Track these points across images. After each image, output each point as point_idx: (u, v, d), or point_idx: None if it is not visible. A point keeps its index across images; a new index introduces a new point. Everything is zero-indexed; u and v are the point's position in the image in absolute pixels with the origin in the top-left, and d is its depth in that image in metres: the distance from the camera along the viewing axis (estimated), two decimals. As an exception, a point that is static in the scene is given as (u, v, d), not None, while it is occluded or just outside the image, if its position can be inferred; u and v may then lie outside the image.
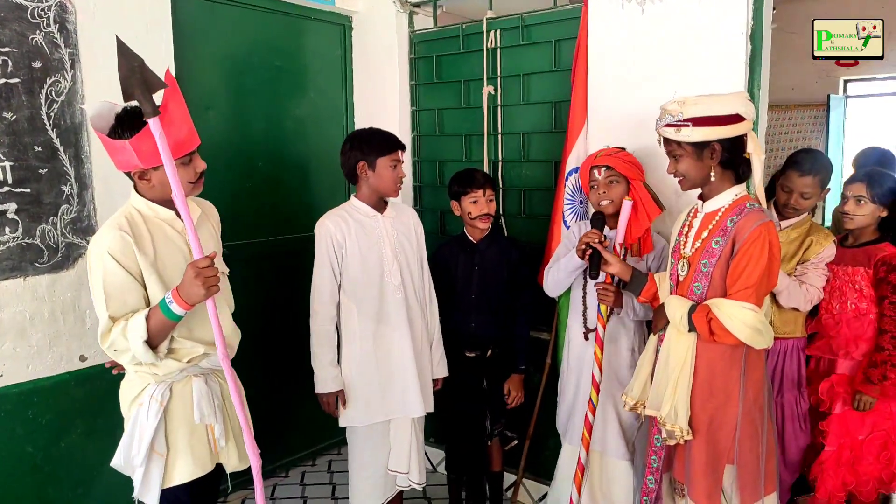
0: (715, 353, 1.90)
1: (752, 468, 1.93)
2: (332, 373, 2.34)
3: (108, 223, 1.82)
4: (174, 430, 1.90)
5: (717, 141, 1.85)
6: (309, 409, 3.30)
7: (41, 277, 2.28)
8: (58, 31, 2.26)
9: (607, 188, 2.30)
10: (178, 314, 1.73)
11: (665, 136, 1.92)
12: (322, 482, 3.31)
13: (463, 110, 3.20)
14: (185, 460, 1.91)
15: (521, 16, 2.94)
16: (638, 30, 2.47)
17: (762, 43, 2.28)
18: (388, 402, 2.40)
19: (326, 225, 2.34)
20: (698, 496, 1.94)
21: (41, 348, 2.30)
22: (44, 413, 2.32)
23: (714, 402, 1.91)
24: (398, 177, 2.36)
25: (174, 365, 1.86)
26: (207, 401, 1.92)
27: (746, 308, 1.79)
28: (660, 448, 2.04)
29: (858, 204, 2.44)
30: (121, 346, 1.76)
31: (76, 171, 2.34)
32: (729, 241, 1.85)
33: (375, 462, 2.46)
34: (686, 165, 1.91)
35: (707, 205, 1.96)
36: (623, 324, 2.38)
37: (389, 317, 2.38)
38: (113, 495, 2.52)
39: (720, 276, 1.88)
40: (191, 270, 1.70)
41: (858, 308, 2.42)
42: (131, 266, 1.77)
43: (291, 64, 3.25)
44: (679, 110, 1.85)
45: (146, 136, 1.65)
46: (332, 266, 2.33)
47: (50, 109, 2.26)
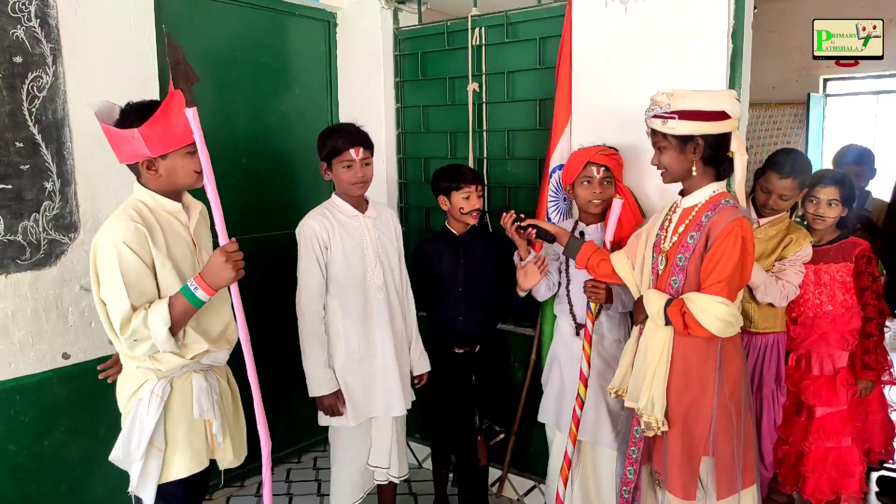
0: (690, 347, 1.93)
1: (727, 461, 1.96)
2: (327, 374, 2.33)
3: (115, 216, 1.82)
4: (173, 426, 1.90)
5: (701, 136, 1.88)
6: (294, 406, 3.31)
7: (23, 274, 2.26)
8: (39, 26, 2.24)
9: (602, 188, 2.34)
10: (202, 299, 1.75)
11: (652, 128, 1.94)
12: (308, 479, 3.32)
13: (448, 107, 3.21)
14: (183, 455, 1.91)
15: (505, 13, 2.95)
16: (621, 28, 2.49)
17: (743, 41, 2.31)
18: (371, 401, 2.41)
19: (311, 225, 2.32)
20: (674, 488, 1.98)
21: (24, 346, 2.28)
22: (26, 411, 2.30)
23: (690, 394, 1.94)
24: (356, 176, 2.31)
25: (177, 361, 1.86)
26: (207, 396, 1.93)
27: (717, 301, 1.82)
28: (639, 439, 2.07)
29: (830, 206, 2.55)
30: (142, 335, 1.75)
31: (58, 168, 2.32)
32: (703, 236, 1.89)
33: (357, 460, 2.48)
34: (669, 158, 1.94)
35: (685, 200, 1.99)
36: (609, 316, 2.41)
37: (372, 317, 2.38)
38: (97, 493, 2.52)
39: (695, 270, 1.91)
40: (220, 255, 1.73)
41: (846, 302, 2.55)
42: (146, 256, 1.78)
43: (275, 60, 3.24)
44: (667, 102, 1.87)
45: (154, 124, 1.71)
46: (319, 265, 2.32)
47: (31, 105, 2.24)
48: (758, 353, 2.63)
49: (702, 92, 1.90)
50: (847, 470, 2.52)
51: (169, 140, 1.77)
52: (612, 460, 2.40)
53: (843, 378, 2.54)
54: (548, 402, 2.59)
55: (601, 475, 2.43)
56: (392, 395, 2.40)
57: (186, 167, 1.85)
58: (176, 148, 1.80)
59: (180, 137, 1.77)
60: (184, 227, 1.92)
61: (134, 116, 1.78)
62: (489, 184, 3.10)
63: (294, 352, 2.39)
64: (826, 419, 2.54)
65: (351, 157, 2.30)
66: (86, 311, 2.42)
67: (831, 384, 2.55)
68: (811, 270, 2.56)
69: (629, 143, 2.40)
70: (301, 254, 2.34)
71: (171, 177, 1.84)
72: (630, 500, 2.13)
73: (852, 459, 2.53)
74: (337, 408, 2.35)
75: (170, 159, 1.82)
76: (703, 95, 1.88)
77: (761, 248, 2.62)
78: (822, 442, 2.53)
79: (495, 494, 3.08)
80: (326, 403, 2.34)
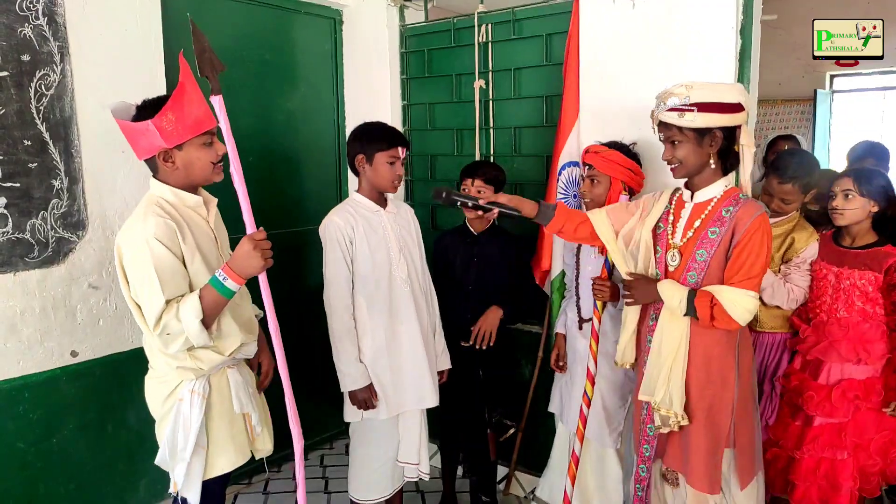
0: (711, 340, 1.93)
1: (748, 450, 1.97)
2: (359, 368, 2.32)
3: (138, 214, 1.81)
4: (215, 423, 1.91)
5: (719, 128, 1.87)
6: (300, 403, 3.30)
7: (32, 272, 2.26)
8: (47, 24, 2.24)
9: (589, 187, 2.33)
10: (232, 289, 1.74)
11: (665, 121, 1.90)
12: (315, 476, 3.31)
13: (454, 104, 3.21)
14: (227, 451, 1.93)
15: (512, 10, 2.94)
16: (629, 24, 2.48)
17: (752, 38, 2.30)
18: (400, 395, 2.39)
19: (335, 221, 2.31)
20: (699, 483, 1.96)
21: (32, 343, 2.28)
22: (34, 409, 2.31)
23: (712, 388, 1.94)
24: (396, 174, 2.33)
25: (217, 358, 1.88)
26: (244, 390, 1.96)
27: (750, 296, 1.84)
28: (652, 437, 2.07)
29: (847, 199, 2.37)
30: (174, 330, 1.74)
31: (66, 166, 2.32)
32: (728, 231, 1.88)
33: (383, 454, 2.46)
34: (685, 151, 1.91)
35: (697, 195, 1.97)
36: (612, 315, 2.41)
37: (399, 311, 2.38)
38: (105, 491, 2.52)
39: (718, 265, 1.90)
40: (248, 243, 1.71)
41: (865, 311, 2.36)
42: (177, 251, 1.78)
43: (281, 58, 3.23)
44: (686, 94, 1.84)
45: (167, 114, 1.72)
46: (345, 261, 2.31)
47: (39, 103, 2.24)
48: (764, 352, 2.62)
49: (717, 84, 1.90)
50: (837, 483, 2.36)
51: (183, 129, 1.77)
52: (608, 458, 2.41)
53: (844, 389, 2.35)
54: (555, 392, 2.61)
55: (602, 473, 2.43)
56: (424, 388, 2.40)
57: (203, 158, 1.85)
58: (190, 137, 1.79)
59: (193, 126, 1.77)
60: (204, 220, 1.93)
61: (149, 110, 1.78)
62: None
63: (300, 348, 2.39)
64: (824, 429, 2.39)
65: (398, 154, 2.33)
66: (94, 309, 2.42)
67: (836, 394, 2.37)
68: (832, 273, 2.41)
69: (636, 138, 2.39)
70: (327, 251, 2.33)
71: (189, 169, 1.84)
72: (644, 497, 2.12)
73: (845, 473, 2.36)
74: (370, 401, 2.34)
75: (186, 150, 1.81)
76: (721, 87, 1.88)
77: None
78: (817, 452, 2.39)
79: (503, 492, 3.08)
80: (360, 398, 2.33)
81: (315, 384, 2.97)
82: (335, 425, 2.53)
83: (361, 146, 2.32)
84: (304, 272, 3.21)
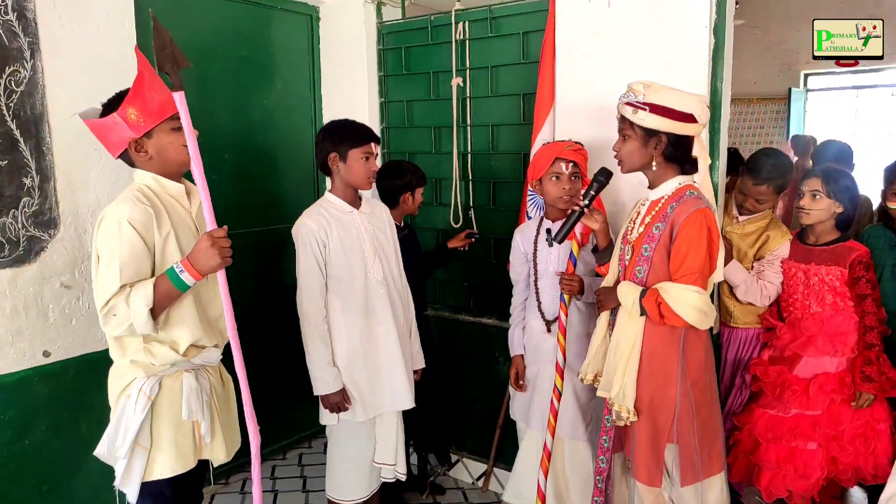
0: (655, 336, 1.96)
1: (691, 448, 1.99)
2: (331, 372, 2.30)
3: (122, 198, 1.81)
4: (160, 425, 1.88)
5: (665, 133, 1.90)
6: (278, 402, 3.30)
7: (2, 272, 2.23)
8: (16, 20, 2.20)
9: (571, 184, 2.34)
10: (187, 283, 1.73)
11: (622, 114, 1.96)
12: (293, 475, 3.31)
13: (432, 102, 3.21)
14: (168, 456, 1.89)
15: (489, 8, 2.95)
16: (604, 22, 2.50)
17: (725, 36, 2.33)
18: (377, 397, 2.38)
19: (308, 224, 2.29)
20: (640, 474, 2.01)
21: (3, 344, 2.25)
22: (6, 409, 2.27)
23: (654, 382, 1.97)
24: (370, 170, 2.32)
25: (171, 356, 1.85)
26: (196, 397, 1.91)
27: (692, 291, 1.86)
28: (610, 428, 2.10)
29: (814, 199, 2.42)
30: (121, 313, 1.73)
31: (37, 163, 2.29)
32: (668, 227, 1.92)
33: (361, 455, 2.45)
34: (630, 148, 1.97)
35: (652, 193, 2.02)
36: (578, 309, 2.42)
37: (375, 312, 2.36)
38: (79, 492, 2.49)
39: (660, 261, 1.94)
40: (206, 240, 1.70)
41: (837, 305, 2.42)
42: (148, 238, 1.77)
43: (258, 54, 3.21)
44: (642, 91, 1.89)
45: (130, 103, 1.72)
46: (318, 265, 2.29)
47: (9, 100, 2.21)
48: (738, 347, 2.66)
49: (676, 91, 1.92)
50: (805, 473, 2.41)
51: (148, 116, 1.77)
52: (580, 451, 2.42)
53: (821, 383, 2.41)
54: (517, 400, 2.60)
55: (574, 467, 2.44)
56: (400, 390, 2.39)
57: (175, 143, 1.84)
58: (157, 122, 1.79)
59: (158, 111, 1.77)
60: (186, 211, 1.92)
61: (113, 104, 1.79)
62: (473, 179, 3.10)
63: (277, 346, 2.38)
64: (798, 420, 2.43)
65: (371, 149, 2.32)
66: (66, 309, 2.39)
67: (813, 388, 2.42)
68: (801, 270, 2.48)
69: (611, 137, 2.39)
70: (299, 254, 2.31)
71: (162, 155, 1.84)
72: (604, 489, 2.15)
73: (814, 463, 2.41)
74: (342, 405, 2.33)
75: (156, 137, 1.82)
76: (677, 95, 1.90)
77: (739, 245, 2.64)
78: (788, 441, 2.43)
79: (481, 489, 3.09)
80: (332, 401, 2.31)
81: (292, 383, 2.96)
82: (313, 424, 2.50)
83: (333, 144, 2.30)
84: (281, 269, 3.16)
